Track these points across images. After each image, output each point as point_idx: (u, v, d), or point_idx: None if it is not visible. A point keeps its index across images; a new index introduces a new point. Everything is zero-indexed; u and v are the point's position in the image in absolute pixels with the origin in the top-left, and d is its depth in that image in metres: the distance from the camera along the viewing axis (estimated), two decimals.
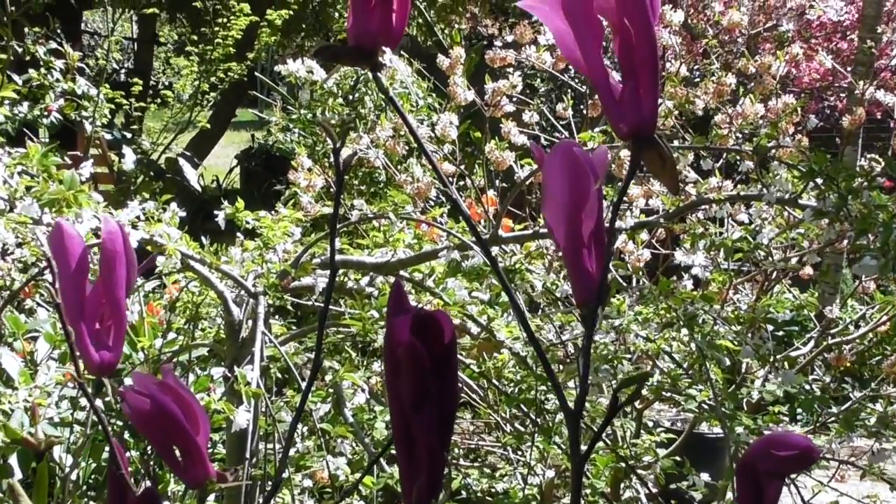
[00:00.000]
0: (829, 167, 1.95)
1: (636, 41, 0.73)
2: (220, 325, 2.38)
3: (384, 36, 0.74)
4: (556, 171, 0.79)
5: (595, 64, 0.75)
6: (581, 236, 0.81)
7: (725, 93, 2.37)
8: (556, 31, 0.76)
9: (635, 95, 0.74)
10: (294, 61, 3.33)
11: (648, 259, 2.79)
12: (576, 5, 0.74)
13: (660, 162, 0.74)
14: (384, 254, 2.34)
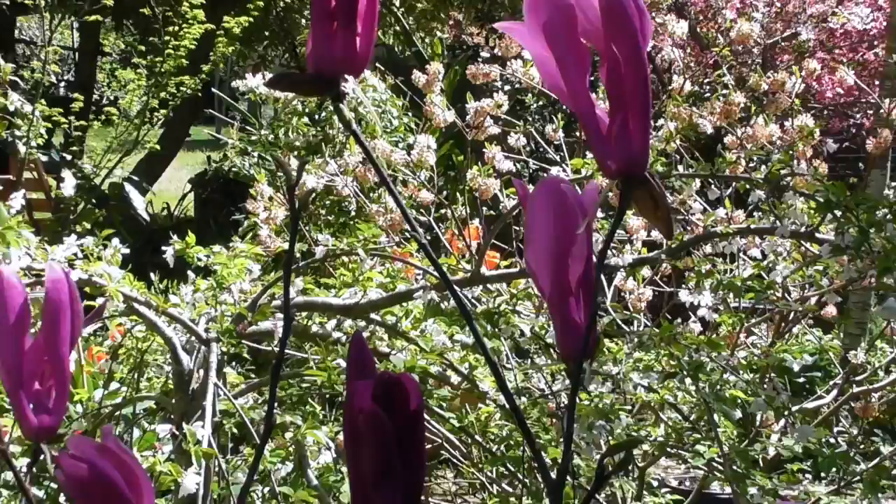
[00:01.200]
0: (848, 198, 1.98)
1: (625, 69, 0.75)
2: (168, 374, 2.39)
3: (347, 62, 0.75)
4: (541, 211, 0.81)
5: (579, 94, 0.77)
6: (567, 283, 0.82)
7: (734, 113, 2.40)
8: (537, 57, 0.78)
9: (624, 130, 0.75)
10: (254, 75, 3.35)
11: (650, 298, 2.81)
12: (558, 29, 0.76)
13: (652, 204, 0.75)
14: (353, 294, 2.35)
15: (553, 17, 0.75)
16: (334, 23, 0.75)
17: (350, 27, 0.75)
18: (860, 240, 1.93)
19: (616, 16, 0.74)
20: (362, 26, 0.76)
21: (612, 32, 0.75)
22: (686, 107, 2.39)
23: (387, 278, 2.46)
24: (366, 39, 0.76)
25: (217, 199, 8.00)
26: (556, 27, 0.75)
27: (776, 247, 2.41)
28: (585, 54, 0.77)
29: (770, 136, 2.56)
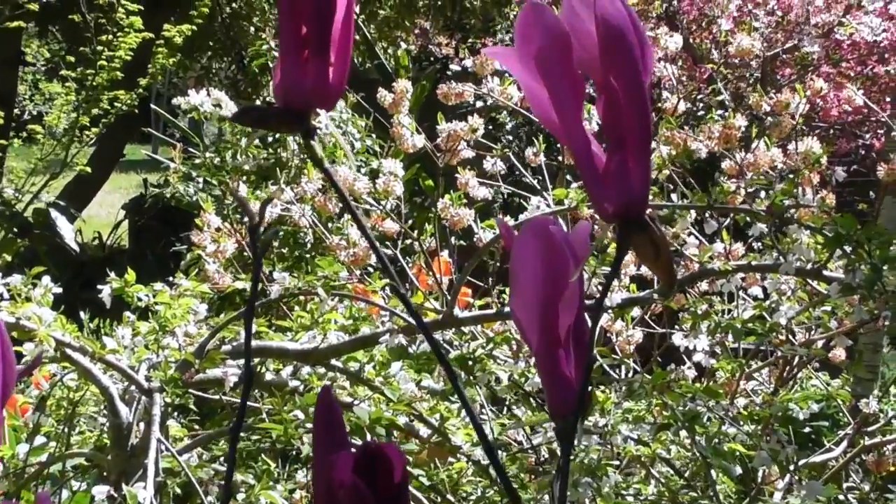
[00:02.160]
0: (859, 231, 2.01)
1: (625, 103, 0.76)
2: (104, 428, 2.38)
3: (319, 95, 0.77)
4: (528, 255, 0.82)
5: (573, 129, 0.78)
6: (557, 335, 0.83)
7: (734, 138, 2.43)
8: (528, 88, 0.79)
9: (623, 168, 0.77)
10: (197, 90, 3.35)
11: (640, 341, 2.83)
12: (551, 58, 0.77)
13: (652, 251, 0.77)
14: (311, 338, 2.36)
15: (546, 46, 0.77)
16: (305, 51, 0.76)
17: (322, 56, 0.76)
18: (872, 278, 1.96)
19: (615, 45, 0.76)
20: (336, 55, 0.77)
21: (611, 63, 0.76)
22: (681, 131, 2.41)
23: (349, 320, 2.47)
24: (339, 69, 0.77)
25: (155, 228, 7.98)
26: (550, 56, 0.77)
27: (780, 285, 2.43)
28: (580, 86, 0.78)
29: (772, 162, 2.59)
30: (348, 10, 0.77)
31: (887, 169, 2.65)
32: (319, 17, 0.76)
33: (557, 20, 0.77)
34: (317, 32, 0.76)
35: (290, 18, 0.77)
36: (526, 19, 0.78)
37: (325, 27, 0.77)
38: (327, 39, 0.77)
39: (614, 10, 0.76)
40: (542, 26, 0.77)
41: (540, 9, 0.78)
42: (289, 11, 0.77)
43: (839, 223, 2.05)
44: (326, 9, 0.76)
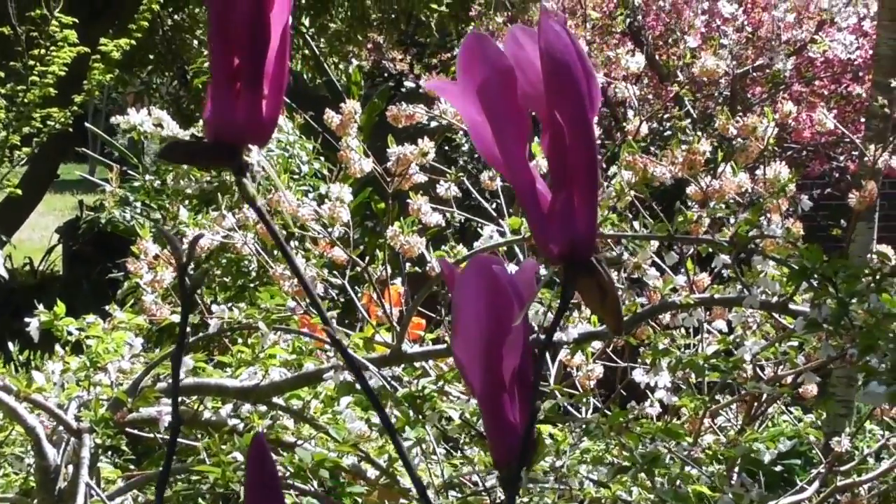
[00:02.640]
0: (825, 264, 2.03)
1: (570, 140, 0.77)
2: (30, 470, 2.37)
3: (252, 130, 0.77)
4: (470, 296, 0.83)
5: (517, 165, 0.79)
6: (501, 379, 0.84)
7: (699, 163, 2.45)
8: (470, 122, 0.80)
9: (568, 208, 0.78)
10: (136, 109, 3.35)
11: (601, 375, 2.84)
12: (494, 92, 0.78)
13: (599, 294, 0.78)
14: (252, 375, 2.36)
15: (489, 79, 0.78)
16: (237, 83, 0.77)
17: (256, 89, 0.77)
18: (839, 313, 1.98)
19: (560, 79, 0.77)
20: (270, 87, 0.78)
21: (556, 98, 0.77)
22: (642, 156, 2.43)
23: (292, 355, 2.47)
24: (273, 103, 0.78)
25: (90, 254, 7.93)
26: (493, 90, 0.78)
27: (745, 318, 2.46)
28: (525, 121, 0.80)
29: (739, 188, 2.61)
30: (283, 40, 0.78)
31: (859, 196, 2.69)
32: (253, 47, 0.77)
33: (500, 52, 0.78)
34: (250, 64, 0.77)
35: (221, 48, 0.77)
36: (468, 51, 0.79)
37: (258, 58, 0.77)
38: (261, 71, 0.77)
39: (559, 43, 0.77)
40: (484, 58, 0.78)
41: (482, 40, 0.79)
42: (220, 41, 0.77)
43: (804, 255, 2.08)
44: (260, 39, 0.77)
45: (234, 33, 0.76)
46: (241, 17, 0.76)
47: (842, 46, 5.93)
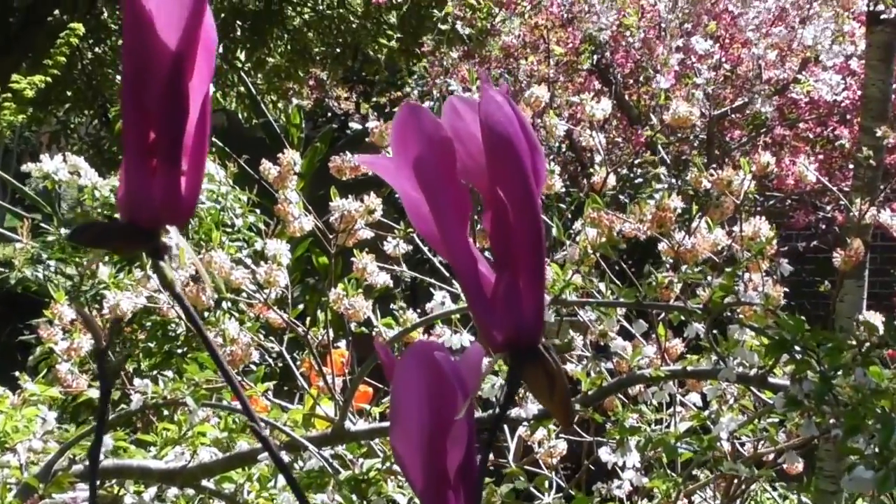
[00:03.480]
0: (807, 335, 2.05)
1: (514, 218, 0.79)
2: None
3: (170, 210, 0.78)
4: (409, 387, 0.84)
5: (457, 246, 0.81)
6: (444, 474, 0.85)
7: (669, 220, 2.48)
8: (407, 199, 0.82)
9: (513, 292, 0.79)
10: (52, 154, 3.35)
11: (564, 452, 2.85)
12: (432, 167, 0.79)
13: (546, 383, 0.79)
14: (179, 455, 2.35)
15: (425, 153, 0.79)
16: (153, 159, 0.77)
17: (173, 165, 0.78)
18: (822, 389, 1.99)
19: (503, 154, 0.78)
20: (189, 163, 0.78)
21: (498, 174, 0.79)
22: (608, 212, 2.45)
23: (224, 432, 2.47)
24: (193, 180, 0.79)
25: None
26: (430, 165, 0.79)
27: (720, 391, 2.47)
28: (465, 197, 0.81)
29: (714, 246, 2.64)
30: (203, 111, 0.79)
31: (844, 255, 2.71)
32: (171, 120, 0.77)
33: (438, 124, 0.79)
34: (167, 138, 0.78)
35: (135, 120, 0.78)
36: (402, 123, 0.79)
37: (176, 132, 0.78)
38: (179, 146, 0.78)
39: (501, 115, 0.78)
40: (420, 131, 0.79)
41: (418, 111, 0.80)
42: (133, 112, 0.78)
43: (784, 325, 2.09)
44: (178, 110, 0.78)
45: (149, 104, 0.77)
46: (157, 86, 0.77)
47: (827, 87, 5.93)
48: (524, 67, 6.96)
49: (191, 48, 0.77)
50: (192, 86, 0.77)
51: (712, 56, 6.03)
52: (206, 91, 0.79)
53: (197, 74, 0.78)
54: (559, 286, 2.35)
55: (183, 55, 0.77)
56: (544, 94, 2.86)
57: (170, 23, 0.76)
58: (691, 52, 6.06)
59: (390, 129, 0.79)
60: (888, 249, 7.43)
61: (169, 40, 0.76)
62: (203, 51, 0.78)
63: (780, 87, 6.50)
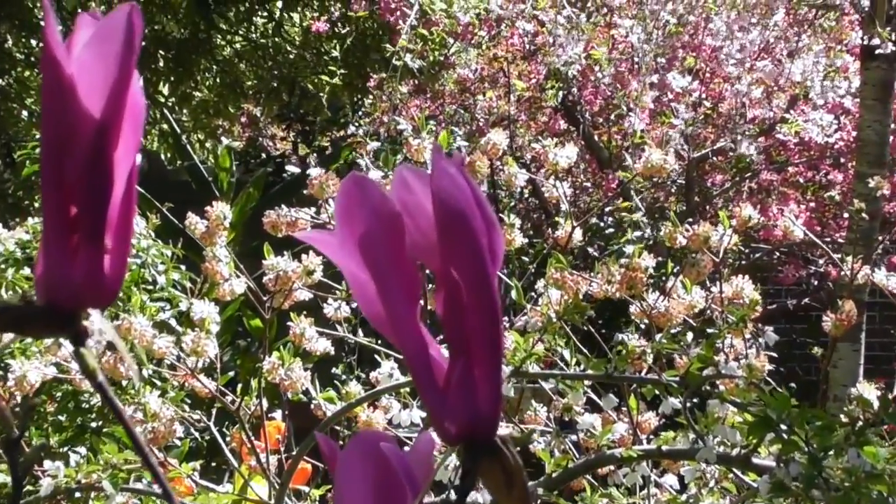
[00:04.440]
0: (794, 412, 2.07)
1: (469, 300, 0.80)
2: None
3: (92, 291, 0.78)
4: (353, 482, 0.86)
5: (406, 329, 0.82)
6: None
7: (640, 281, 2.51)
8: (352, 278, 0.83)
9: (468, 380, 0.81)
10: None
11: None
12: (378, 244, 0.81)
13: (504, 479, 0.81)
14: None
15: (371, 228, 0.80)
16: (73, 236, 0.78)
17: (96, 243, 0.78)
18: (811, 472, 2.01)
19: (456, 230, 0.79)
20: (114, 240, 0.79)
21: (451, 251, 0.80)
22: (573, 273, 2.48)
23: None
24: (118, 258, 0.79)
25: None
26: (376, 241, 0.80)
27: (700, 472, 2.49)
28: (414, 277, 0.82)
29: (691, 309, 2.66)
30: (130, 183, 0.80)
31: (835, 319, 2.74)
32: (94, 193, 0.78)
33: (386, 198, 0.81)
34: (90, 213, 0.78)
35: (55, 193, 0.77)
36: (346, 196, 0.80)
37: (100, 207, 0.78)
38: (102, 222, 0.79)
39: (454, 188, 0.79)
40: (367, 205, 0.80)
41: (364, 183, 0.81)
42: (52, 185, 0.78)
43: (769, 401, 2.11)
44: (103, 184, 0.78)
45: (70, 175, 0.77)
46: (79, 157, 0.77)
47: (818, 127, 5.91)
48: (482, 104, 6.98)
49: (116, 115, 0.78)
50: (117, 156, 0.78)
51: (691, 93, 6.03)
52: (132, 162, 0.79)
53: (122, 144, 0.78)
54: (520, 357, 2.38)
55: (108, 123, 0.77)
56: (502, 140, 2.88)
57: (94, 88, 0.77)
58: (667, 89, 6.07)
59: (335, 203, 0.81)
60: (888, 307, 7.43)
61: (92, 107, 0.77)
62: (130, 118, 0.79)
63: (766, 128, 6.51)
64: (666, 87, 6.00)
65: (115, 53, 0.77)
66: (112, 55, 0.77)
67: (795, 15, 6.39)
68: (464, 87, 7.00)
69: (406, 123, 6.38)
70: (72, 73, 0.76)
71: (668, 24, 6.03)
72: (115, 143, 0.78)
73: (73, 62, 0.77)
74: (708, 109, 6.40)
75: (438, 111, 7.22)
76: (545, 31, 6.29)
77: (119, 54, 0.77)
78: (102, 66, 0.77)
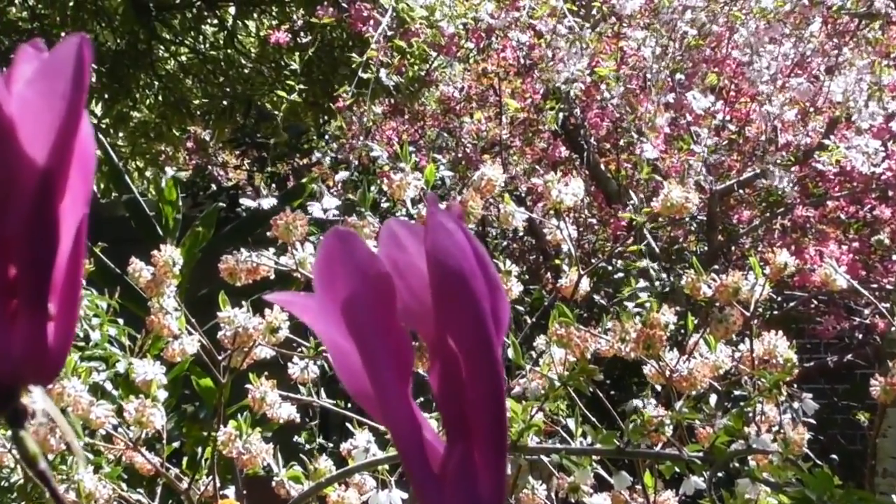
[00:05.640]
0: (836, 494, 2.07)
1: (469, 374, 0.80)
2: None
3: (33, 365, 0.79)
4: None
5: (395, 408, 0.82)
6: None
7: (659, 339, 2.52)
8: (333, 348, 0.83)
9: (467, 466, 0.81)
10: None
11: None
12: (364, 310, 0.81)
13: None
14: None
15: (357, 292, 0.80)
16: (12, 301, 0.78)
17: (39, 308, 0.79)
18: None
19: (455, 294, 0.79)
20: (59, 305, 0.79)
21: (449, 318, 0.80)
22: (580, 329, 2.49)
23: None
24: (64, 326, 0.79)
25: None
26: (362, 306, 0.80)
27: None
28: (406, 347, 0.82)
29: (716, 370, 2.67)
30: (78, 240, 0.80)
31: (885, 383, 2.74)
32: (36, 252, 0.78)
33: (373, 256, 0.80)
34: (32, 275, 0.78)
35: None
36: (329, 253, 0.79)
37: (43, 267, 0.78)
38: (46, 284, 0.79)
39: (453, 246, 0.79)
40: (351, 264, 0.80)
41: (348, 239, 0.79)
42: None
43: (808, 481, 2.11)
44: (46, 241, 0.78)
45: (9, 231, 0.77)
46: (20, 211, 0.77)
47: (863, 155, 5.81)
48: (468, 127, 6.96)
49: (63, 163, 0.78)
50: (63, 209, 0.79)
51: (713, 115, 5.98)
52: (80, 215, 0.79)
53: (69, 195, 0.79)
54: (517, 428, 2.38)
55: (53, 171, 0.77)
56: (498, 175, 2.89)
57: (37, 132, 0.77)
58: (686, 110, 6.02)
59: (315, 262, 0.81)
60: None
61: (36, 153, 0.77)
62: (78, 165, 0.79)
63: (801, 155, 6.44)
64: (684, 107, 5.94)
65: (63, 92, 0.77)
66: (59, 94, 0.77)
67: (835, 25, 6.29)
68: (448, 108, 6.97)
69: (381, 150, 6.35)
70: (11, 114, 0.76)
71: (686, 35, 5.97)
72: (62, 194, 0.79)
73: (14, 101, 0.77)
74: (733, 134, 6.36)
75: (418, 135, 7.20)
76: (543, 44, 6.25)
77: (67, 93, 0.77)
78: (48, 107, 0.77)
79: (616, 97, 6.21)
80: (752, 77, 5.95)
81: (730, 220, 6.96)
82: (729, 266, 6.35)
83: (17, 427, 0.79)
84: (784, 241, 6.41)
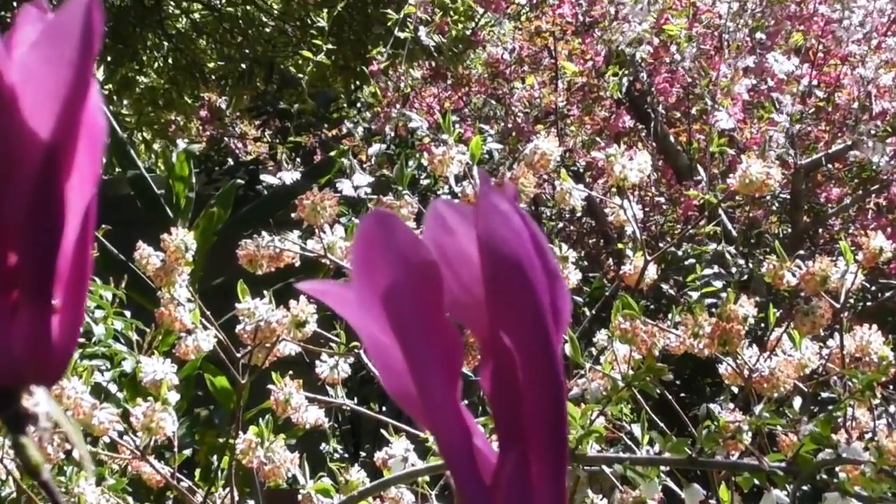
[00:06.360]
0: None
1: (525, 375, 0.81)
2: None
3: (35, 363, 0.80)
4: None
5: (443, 413, 0.82)
6: None
7: (736, 334, 2.52)
8: (372, 345, 0.83)
9: (522, 478, 0.82)
10: None
11: None
12: (407, 301, 0.80)
13: None
14: None
15: (400, 282, 0.80)
16: (13, 293, 0.78)
17: (43, 301, 0.79)
18: None
19: (510, 285, 0.79)
20: (65, 297, 0.80)
21: (504, 312, 0.80)
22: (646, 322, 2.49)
23: None
24: (70, 320, 0.79)
25: None
26: (406, 299, 0.80)
27: None
28: (454, 343, 0.82)
29: (802, 369, 2.67)
30: (86, 223, 0.80)
31: None
32: (40, 236, 0.79)
33: (418, 242, 0.79)
34: (35, 262, 0.79)
35: None
36: (367, 238, 0.79)
37: (48, 254, 0.79)
38: (51, 273, 0.79)
39: (508, 232, 0.78)
40: (393, 251, 0.79)
41: (389, 222, 0.79)
42: None
43: None
44: (51, 224, 0.79)
45: (10, 213, 0.78)
46: (22, 190, 0.77)
47: None
48: (519, 93, 6.95)
49: (70, 137, 0.78)
50: (69, 189, 0.79)
51: (798, 80, 5.95)
52: (89, 197, 0.79)
53: (77, 173, 0.79)
54: (575, 435, 2.39)
55: (59, 147, 0.78)
56: (554, 149, 2.88)
57: (40, 102, 0.77)
58: (767, 74, 6.00)
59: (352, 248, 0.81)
60: None
61: (39, 126, 0.77)
62: (86, 140, 0.79)
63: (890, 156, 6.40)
64: (765, 71, 5.92)
65: (70, 58, 0.77)
66: (65, 60, 0.77)
67: None
68: (496, 72, 6.96)
69: (420, 120, 6.33)
70: (13, 83, 0.76)
71: None
72: (68, 172, 0.79)
73: (16, 68, 0.77)
74: (821, 101, 6.34)
75: (462, 103, 7.19)
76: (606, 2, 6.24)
77: (74, 59, 0.77)
78: (53, 75, 0.77)
79: (688, 59, 6.18)
80: (843, 36, 5.90)
81: (817, 198, 6.95)
82: (816, 251, 6.33)
83: (18, 432, 0.79)
84: (879, 223, 6.40)
